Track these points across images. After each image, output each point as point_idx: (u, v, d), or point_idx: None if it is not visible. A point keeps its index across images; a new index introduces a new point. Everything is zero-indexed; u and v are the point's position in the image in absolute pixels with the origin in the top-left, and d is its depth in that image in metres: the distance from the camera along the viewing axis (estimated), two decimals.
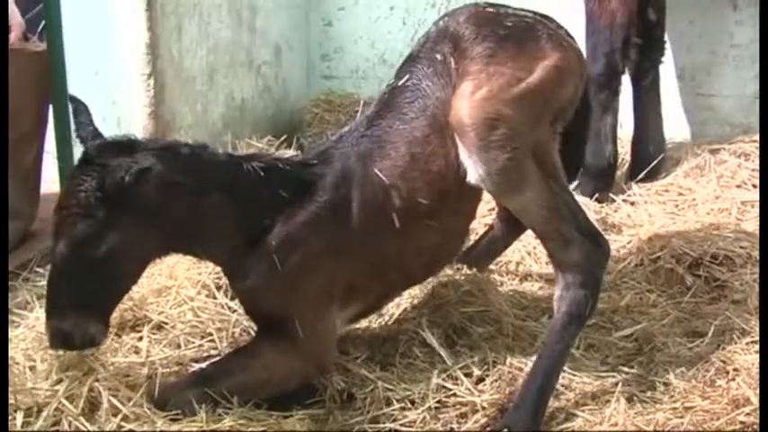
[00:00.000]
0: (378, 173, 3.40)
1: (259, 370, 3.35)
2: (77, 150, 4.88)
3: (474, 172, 3.29)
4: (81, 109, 3.39)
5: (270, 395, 3.38)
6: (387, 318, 3.86)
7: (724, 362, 3.61)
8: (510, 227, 4.05)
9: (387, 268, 3.50)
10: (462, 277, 4.01)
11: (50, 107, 5.01)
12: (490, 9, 3.51)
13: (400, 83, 3.49)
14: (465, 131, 3.26)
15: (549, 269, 4.30)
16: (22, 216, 5.00)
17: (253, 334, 3.65)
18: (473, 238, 4.22)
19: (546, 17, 3.53)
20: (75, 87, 4.91)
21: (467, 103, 3.26)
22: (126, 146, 3.21)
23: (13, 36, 4.41)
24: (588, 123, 3.91)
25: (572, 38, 3.55)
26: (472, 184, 3.34)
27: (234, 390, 3.29)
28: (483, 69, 3.30)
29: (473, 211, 3.65)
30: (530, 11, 3.55)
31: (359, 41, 6.74)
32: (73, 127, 3.48)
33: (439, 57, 3.42)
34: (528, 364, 3.55)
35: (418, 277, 3.74)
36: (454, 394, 3.45)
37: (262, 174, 3.34)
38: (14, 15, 4.44)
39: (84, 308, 3.23)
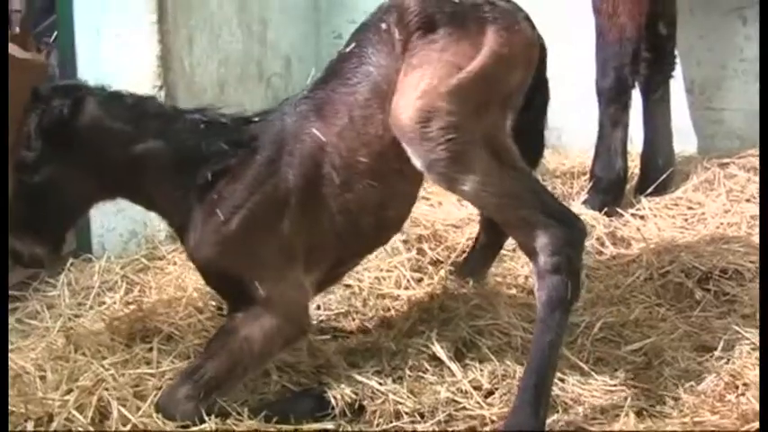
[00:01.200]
0: (315, 131, 3.44)
1: (239, 343, 3.37)
2: None
3: (416, 163, 3.28)
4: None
5: (261, 367, 3.49)
6: (396, 331, 3.87)
7: (733, 376, 3.59)
8: (493, 231, 4.01)
9: (338, 229, 3.50)
10: (471, 291, 4.01)
11: None
12: None
13: (347, 50, 3.54)
14: (400, 126, 3.27)
15: None
16: None
17: None
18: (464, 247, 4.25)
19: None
20: None
21: (404, 100, 3.26)
22: (75, 89, 3.46)
23: None
24: (545, 110, 3.77)
25: (529, 20, 3.47)
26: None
27: (222, 372, 3.34)
28: (423, 59, 3.30)
29: (420, 176, 3.56)
30: None
31: None
32: None
33: (384, 26, 3.45)
34: None
35: (371, 240, 3.73)
36: (464, 407, 3.44)
37: (202, 126, 3.47)
38: None
39: (33, 231, 3.49)
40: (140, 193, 3.56)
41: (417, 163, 3.28)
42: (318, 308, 4.09)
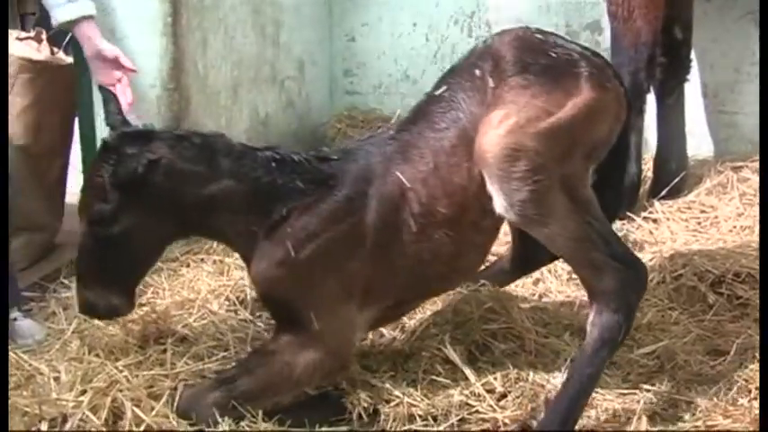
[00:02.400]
0: (398, 174, 3.41)
1: (279, 366, 3.37)
2: None
3: (497, 201, 3.26)
4: (109, 98, 3.60)
5: (293, 393, 3.45)
6: (409, 334, 3.87)
7: (746, 380, 3.59)
8: (517, 266, 4.03)
9: (403, 272, 3.48)
10: (485, 294, 4.01)
11: (75, 120, 5.07)
12: (538, 35, 3.47)
13: (437, 93, 3.49)
14: (487, 161, 3.23)
15: (570, 286, 4.34)
16: (46, 228, 5.05)
17: None
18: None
19: (594, 53, 3.49)
20: (100, 101, 4.96)
21: (491, 133, 3.23)
22: (143, 135, 3.38)
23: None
24: (624, 167, 3.85)
25: (618, 79, 3.51)
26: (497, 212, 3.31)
27: (256, 389, 3.35)
28: (514, 99, 3.26)
29: (495, 229, 3.61)
30: (579, 44, 3.52)
31: (382, 57, 6.75)
32: (102, 116, 3.70)
33: (478, 72, 3.40)
34: (550, 380, 3.56)
35: (435, 288, 3.73)
36: (477, 411, 3.45)
37: (274, 164, 3.42)
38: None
39: (107, 281, 3.47)
40: (214, 230, 3.54)
41: (499, 201, 3.24)
42: None
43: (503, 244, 4.24)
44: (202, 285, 4.25)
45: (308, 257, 3.35)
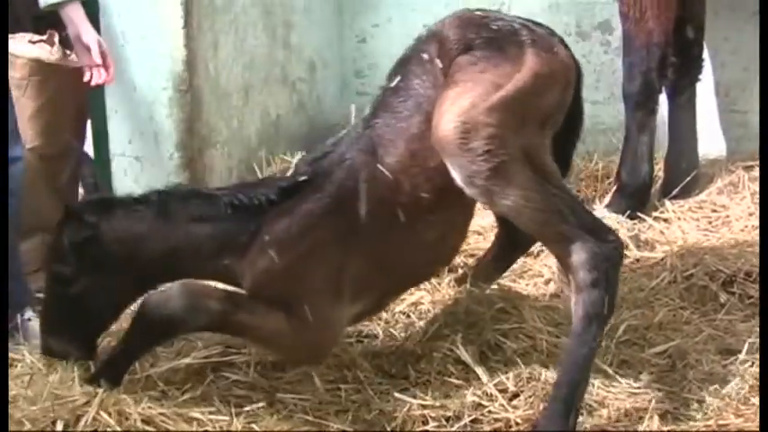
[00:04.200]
0: (382, 169, 3.45)
1: (267, 325, 3.42)
2: (115, 165, 4.98)
3: (456, 177, 3.30)
4: (85, 161, 3.81)
5: (263, 350, 3.67)
6: (421, 335, 3.88)
7: (758, 379, 3.58)
8: (507, 247, 4.11)
9: (392, 264, 3.53)
10: (496, 295, 4.02)
11: (88, 123, 5.09)
12: (478, 13, 3.58)
13: (392, 84, 3.56)
14: (443, 140, 3.28)
15: None
16: None
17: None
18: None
19: (536, 23, 3.55)
20: (112, 103, 4.99)
21: (445, 112, 3.29)
22: (103, 204, 3.56)
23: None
24: (578, 130, 3.82)
25: (564, 44, 3.56)
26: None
27: (244, 327, 3.45)
28: (464, 78, 3.34)
29: (472, 206, 3.68)
30: (521, 17, 3.58)
31: (393, 58, 6.68)
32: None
33: (426, 56, 3.49)
34: None
35: (422, 274, 3.80)
36: (489, 411, 3.46)
37: (237, 202, 3.47)
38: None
39: (65, 333, 3.56)
40: (184, 276, 3.55)
41: (457, 177, 3.29)
42: None
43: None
44: None
45: (294, 259, 3.40)
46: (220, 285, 3.56)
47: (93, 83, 4.42)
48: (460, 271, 4.39)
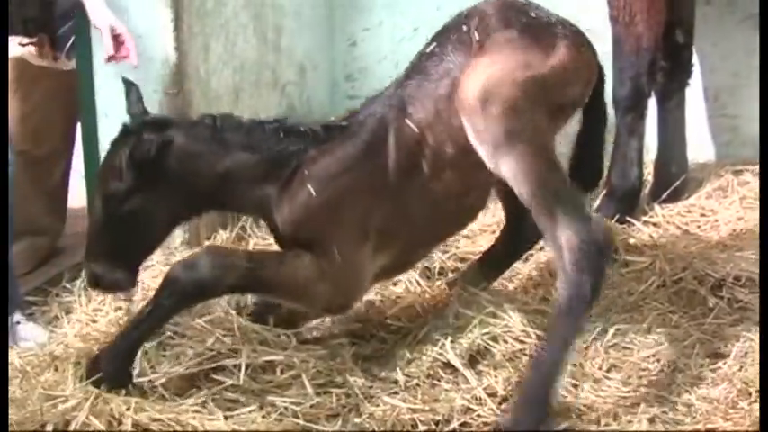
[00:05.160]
0: (409, 123, 3.64)
1: (295, 275, 3.59)
2: None
3: (470, 136, 3.49)
4: (132, 89, 3.83)
5: (286, 301, 3.79)
6: (411, 339, 3.89)
7: (746, 383, 3.60)
8: (509, 249, 4.24)
9: (415, 216, 3.71)
10: (485, 298, 4.03)
11: (78, 125, 5.08)
12: (521, 1, 3.77)
13: (428, 50, 3.77)
14: (464, 103, 3.48)
15: None
16: (48, 232, 5.08)
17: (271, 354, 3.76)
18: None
19: (570, 23, 3.73)
20: (102, 106, 4.98)
21: (472, 76, 3.49)
22: (160, 122, 3.72)
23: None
24: (602, 135, 4.02)
25: (592, 48, 3.75)
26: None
27: (268, 282, 3.61)
28: (498, 51, 3.53)
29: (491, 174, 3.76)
30: (558, 16, 3.75)
31: (383, 62, 6.74)
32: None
33: (464, 28, 3.68)
34: None
35: (444, 230, 3.99)
36: (478, 415, 3.47)
37: (284, 133, 3.71)
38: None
39: (113, 256, 3.68)
40: (229, 203, 3.84)
41: (470, 134, 3.48)
42: None
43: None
44: None
45: (330, 197, 3.60)
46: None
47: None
48: (451, 275, 4.41)
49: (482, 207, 4.01)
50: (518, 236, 4.16)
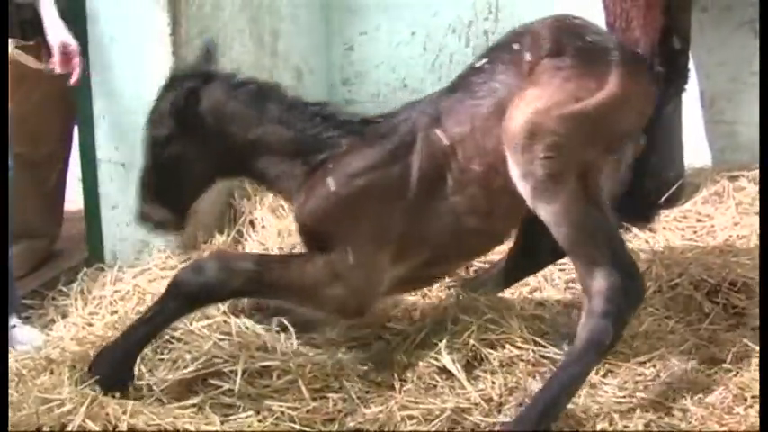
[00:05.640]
0: (439, 133, 3.62)
1: (304, 277, 3.59)
2: (101, 171, 4.97)
3: (513, 171, 3.41)
4: (208, 46, 4.02)
5: (296, 304, 3.79)
6: (408, 343, 3.89)
7: (742, 389, 3.61)
8: (521, 264, 4.18)
9: (437, 229, 3.65)
10: (483, 304, 4.02)
11: (75, 129, 5.08)
12: (578, 21, 3.66)
13: (478, 65, 3.71)
14: (510, 133, 3.40)
15: (568, 295, 4.35)
16: (45, 235, 5.08)
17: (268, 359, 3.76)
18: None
19: (628, 48, 3.67)
20: (99, 109, 4.98)
21: (520, 108, 3.40)
22: (205, 75, 3.82)
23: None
24: (647, 161, 3.96)
25: (650, 75, 3.66)
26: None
27: (277, 285, 3.60)
28: (548, 81, 3.43)
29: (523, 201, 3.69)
30: (615, 39, 3.68)
31: (380, 66, 6.76)
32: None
33: (516, 47, 3.59)
34: None
35: (466, 250, 3.89)
36: (473, 421, 3.46)
37: (322, 118, 3.76)
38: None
39: (160, 197, 3.85)
40: (257, 172, 3.85)
41: (514, 171, 3.41)
42: None
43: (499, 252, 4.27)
44: None
45: (350, 194, 3.59)
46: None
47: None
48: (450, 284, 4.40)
49: (509, 233, 3.95)
50: (535, 254, 4.08)
